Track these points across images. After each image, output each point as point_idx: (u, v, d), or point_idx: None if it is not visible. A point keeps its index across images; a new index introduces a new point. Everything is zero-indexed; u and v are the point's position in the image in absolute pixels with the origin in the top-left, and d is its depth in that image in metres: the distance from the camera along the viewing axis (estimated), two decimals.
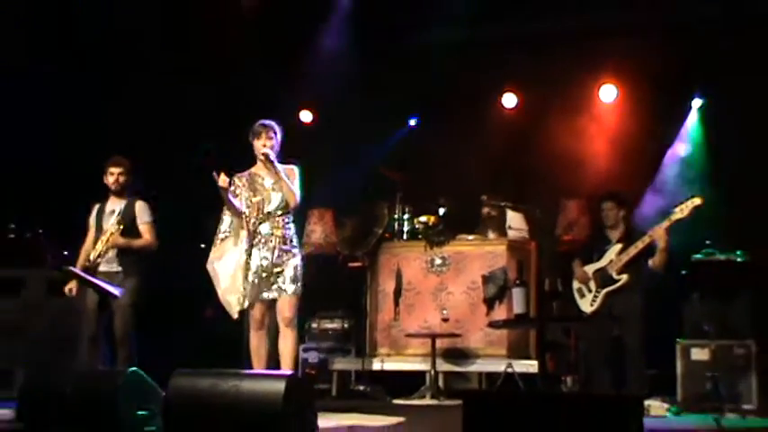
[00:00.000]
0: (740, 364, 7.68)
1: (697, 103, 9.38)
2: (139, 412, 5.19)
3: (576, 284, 7.73)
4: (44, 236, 7.16)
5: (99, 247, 7.09)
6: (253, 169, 6.61)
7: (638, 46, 9.01)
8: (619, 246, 7.54)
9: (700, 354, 7.74)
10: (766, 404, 7.56)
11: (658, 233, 7.30)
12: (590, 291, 7.61)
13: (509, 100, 9.97)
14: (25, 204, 7.75)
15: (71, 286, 7.05)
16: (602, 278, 7.54)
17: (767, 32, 8.59)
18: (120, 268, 7.13)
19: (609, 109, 9.55)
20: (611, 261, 7.52)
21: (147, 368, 5.43)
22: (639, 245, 7.38)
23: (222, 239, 6.60)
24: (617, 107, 9.54)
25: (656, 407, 7.01)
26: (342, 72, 9.50)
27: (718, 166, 9.00)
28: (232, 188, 6.48)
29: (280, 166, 6.52)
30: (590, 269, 7.63)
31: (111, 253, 7.12)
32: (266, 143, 6.49)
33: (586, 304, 7.61)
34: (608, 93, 9.53)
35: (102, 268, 7.10)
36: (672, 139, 9.34)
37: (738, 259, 7.90)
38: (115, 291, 6.97)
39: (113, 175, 7.22)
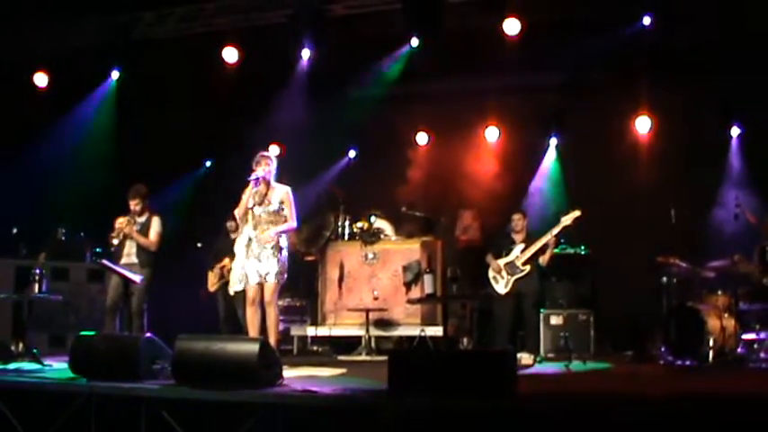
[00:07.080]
0: (583, 326, 7.91)
1: (554, 141, 9.47)
2: (154, 366, 5.22)
3: (491, 273, 7.66)
4: (84, 237, 7.17)
5: (117, 230, 7.03)
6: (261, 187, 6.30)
7: (512, 101, 9.13)
8: (522, 245, 7.56)
9: (556, 320, 7.93)
10: (600, 353, 7.79)
11: (550, 239, 7.39)
12: (503, 278, 7.57)
13: (422, 138, 10.00)
14: (71, 214, 7.79)
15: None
16: (512, 268, 7.54)
17: (598, 95, 8.75)
18: (137, 260, 7.09)
19: (492, 145, 9.60)
20: (517, 256, 7.53)
21: (159, 334, 5.45)
22: (538, 244, 7.39)
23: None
24: (499, 144, 9.58)
25: (525, 358, 7.11)
26: (300, 117, 9.37)
27: (569, 186, 9.10)
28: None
29: (279, 187, 6.32)
30: (501, 262, 7.61)
31: (132, 249, 7.06)
32: (258, 168, 6.22)
33: (501, 287, 7.59)
34: (492, 134, 9.58)
35: (124, 260, 7.06)
36: (537, 166, 9.41)
37: (582, 252, 8.16)
38: (135, 278, 6.95)
39: (133, 205, 7.16)
